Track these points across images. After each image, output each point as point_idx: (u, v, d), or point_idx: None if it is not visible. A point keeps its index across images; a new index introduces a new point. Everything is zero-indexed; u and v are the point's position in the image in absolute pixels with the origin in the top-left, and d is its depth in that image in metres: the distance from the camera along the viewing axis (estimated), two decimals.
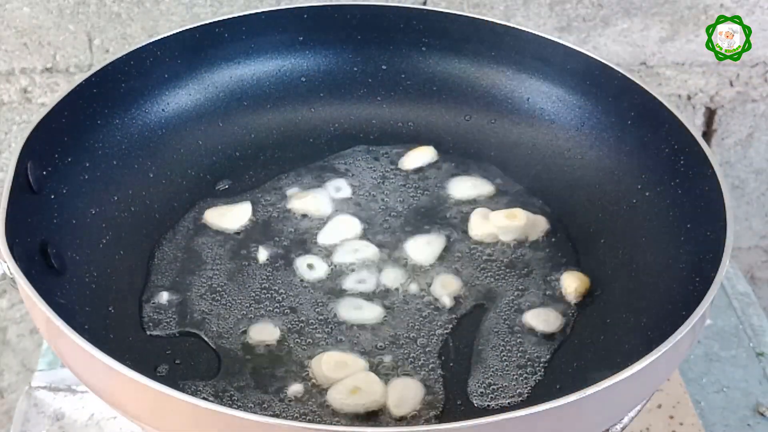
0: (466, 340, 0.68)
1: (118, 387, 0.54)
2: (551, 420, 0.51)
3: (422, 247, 0.75)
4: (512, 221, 0.76)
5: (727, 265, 0.60)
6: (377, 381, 0.64)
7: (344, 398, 0.62)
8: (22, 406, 0.77)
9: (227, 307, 0.70)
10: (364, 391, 0.63)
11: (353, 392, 0.63)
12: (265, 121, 0.86)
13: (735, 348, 0.91)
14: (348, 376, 0.64)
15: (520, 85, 0.86)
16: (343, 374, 0.64)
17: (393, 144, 0.86)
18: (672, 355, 0.55)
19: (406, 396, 0.63)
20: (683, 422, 0.78)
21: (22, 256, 0.59)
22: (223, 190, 0.81)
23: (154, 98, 0.82)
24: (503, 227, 0.75)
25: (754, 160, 1.21)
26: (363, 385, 0.63)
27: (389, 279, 0.72)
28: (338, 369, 0.64)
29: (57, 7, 0.99)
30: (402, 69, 0.89)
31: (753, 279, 1.33)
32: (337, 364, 0.65)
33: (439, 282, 0.72)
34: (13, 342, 1.21)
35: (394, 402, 0.63)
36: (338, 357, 0.65)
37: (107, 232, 0.73)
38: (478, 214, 0.78)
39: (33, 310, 0.57)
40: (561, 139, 0.83)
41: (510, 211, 0.77)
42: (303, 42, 0.88)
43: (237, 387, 0.63)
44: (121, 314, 0.68)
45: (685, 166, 0.72)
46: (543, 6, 1.05)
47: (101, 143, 0.76)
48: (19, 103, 1.06)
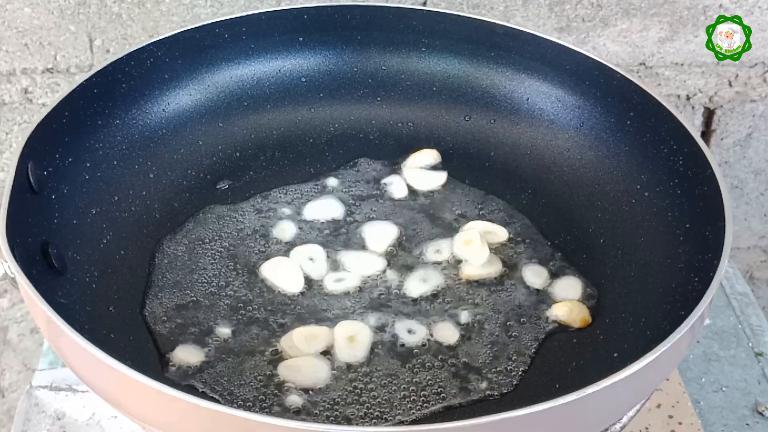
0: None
1: (119, 387, 0.54)
2: (551, 419, 0.51)
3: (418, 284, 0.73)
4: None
5: (726, 265, 0.60)
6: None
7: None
8: (23, 405, 0.77)
9: (227, 306, 0.70)
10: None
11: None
12: (265, 122, 0.87)
13: (734, 348, 0.91)
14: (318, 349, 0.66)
15: (520, 85, 0.86)
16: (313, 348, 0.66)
17: (394, 145, 0.86)
18: (671, 354, 0.55)
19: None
20: (682, 422, 0.78)
21: (23, 256, 0.59)
22: (224, 190, 0.81)
23: (155, 99, 0.82)
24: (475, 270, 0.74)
25: (753, 160, 1.21)
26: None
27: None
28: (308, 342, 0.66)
29: (58, 7, 0.99)
30: (402, 69, 0.89)
31: (752, 279, 1.33)
32: (307, 337, 0.67)
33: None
34: (14, 341, 1.22)
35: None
36: (308, 331, 0.67)
37: (108, 232, 0.73)
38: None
39: (34, 310, 0.57)
40: (560, 139, 0.83)
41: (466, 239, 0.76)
42: (303, 42, 0.88)
43: (240, 385, 0.64)
44: (122, 314, 0.68)
45: (684, 166, 0.72)
46: (542, 6, 1.05)
47: (102, 143, 0.76)
48: (20, 104, 1.06)
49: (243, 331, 0.68)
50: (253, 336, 0.68)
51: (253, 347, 0.67)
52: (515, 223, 0.79)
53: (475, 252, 0.74)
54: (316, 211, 0.79)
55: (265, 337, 0.68)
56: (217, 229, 0.77)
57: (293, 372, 0.65)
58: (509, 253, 0.76)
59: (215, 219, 0.78)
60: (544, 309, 0.71)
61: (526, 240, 0.77)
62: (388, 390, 0.64)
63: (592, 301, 0.71)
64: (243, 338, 0.68)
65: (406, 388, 0.65)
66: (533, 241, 0.77)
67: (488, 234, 0.76)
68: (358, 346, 0.67)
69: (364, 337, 0.68)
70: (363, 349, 0.67)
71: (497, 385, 0.65)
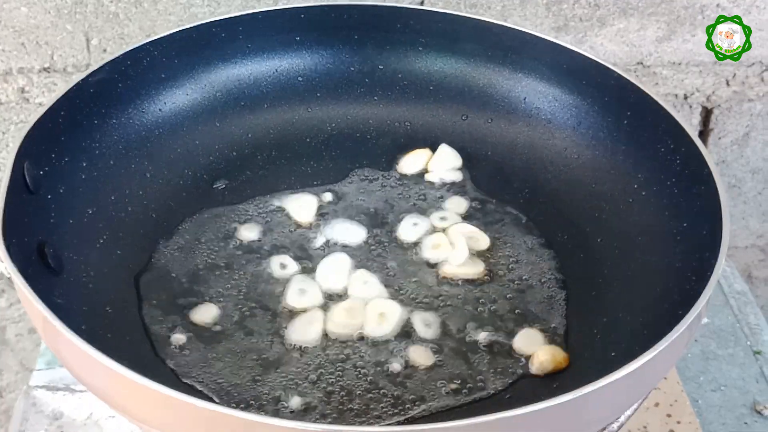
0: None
1: (116, 387, 0.54)
2: (548, 419, 0.51)
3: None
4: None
5: (723, 264, 0.60)
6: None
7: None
8: (21, 405, 0.77)
9: (225, 304, 0.70)
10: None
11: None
12: (262, 121, 0.87)
13: (732, 346, 0.91)
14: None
15: (517, 84, 0.86)
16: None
17: (391, 145, 0.86)
18: (668, 354, 0.55)
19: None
20: (680, 420, 0.78)
21: (19, 256, 0.59)
22: (221, 189, 0.81)
23: (152, 98, 0.82)
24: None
25: (751, 160, 1.21)
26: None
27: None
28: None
29: (54, 6, 0.99)
30: (399, 69, 0.89)
31: (750, 278, 1.33)
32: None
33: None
34: (11, 341, 1.21)
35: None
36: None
37: (104, 232, 0.72)
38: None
39: (30, 310, 0.57)
40: (557, 138, 0.83)
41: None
42: (300, 42, 0.88)
43: (234, 384, 0.64)
44: (118, 314, 0.68)
45: (682, 165, 0.72)
46: (540, 6, 1.05)
47: (98, 143, 0.76)
48: (17, 103, 1.06)
49: (241, 332, 0.68)
50: (252, 336, 0.68)
51: (251, 347, 0.67)
52: (509, 223, 0.79)
53: (454, 252, 0.75)
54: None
55: (264, 337, 0.68)
56: (213, 229, 0.77)
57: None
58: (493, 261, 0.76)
59: (212, 219, 0.78)
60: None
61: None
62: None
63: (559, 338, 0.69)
64: (241, 338, 0.68)
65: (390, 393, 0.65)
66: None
67: (470, 239, 0.76)
68: (386, 322, 0.68)
69: (394, 315, 0.69)
70: (392, 325, 0.68)
71: (494, 384, 0.65)
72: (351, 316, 0.69)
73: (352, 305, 0.70)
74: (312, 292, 0.71)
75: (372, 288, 0.72)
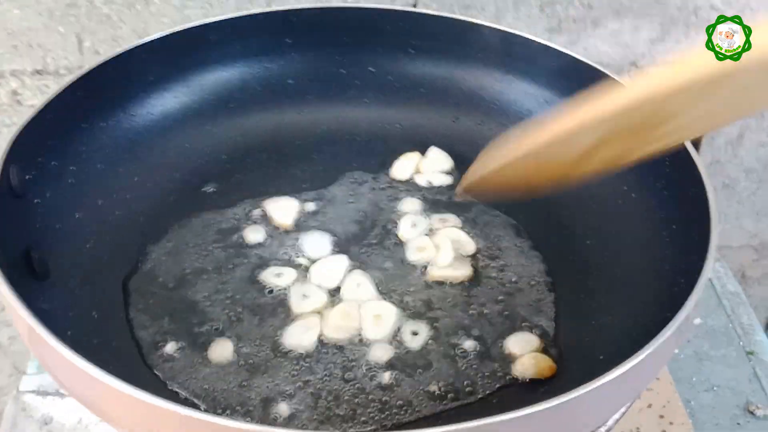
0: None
1: (101, 396, 0.53)
2: (535, 423, 0.51)
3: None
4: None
5: (712, 267, 0.60)
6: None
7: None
8: (10, 410, 0.77)
9: (213, 308, 0.70)
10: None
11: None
12: (252, 124, 0.86)
13: (725, 347, 0.91)
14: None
15: (508, 87, 0.86)
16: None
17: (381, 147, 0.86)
18: (657, 356, 0.55)
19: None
20: (673, 422, 0.78)
21: (4, 262, 0.58)
22: (210, 193, 0.80)
23: (141, 101, 0.81)
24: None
25: (745, 159, 1.21)
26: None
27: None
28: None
29: (47, 9, 0.99)
30: (390, 71, 0.89)
31: (744, 278, 1.33)
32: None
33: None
34: (4, 344, 1.21)
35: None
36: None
37: (92, 237, 0.72)
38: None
39: (14, 317, 0.57)
40: None
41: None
42: (291, 44, 0.88)
43: (220, 390, 0.63)
44: (105, 319, 0.67)
45: (671, 167, 0.72)
46: (533, 7, 1.05)
47: (86, 146, 0.76)
48: (9, 106, 1.05)
49: (228, 337, 0.68)
50: (239, 341, 0.67)
51: (238, 352, 0.67)
52: (498, 225, 0.79)
53: (439, 255, 0.75)
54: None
55: (251, 342, 0.67)
56: (202, 233, 0.76)
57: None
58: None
59: (201, 223, 0.77)
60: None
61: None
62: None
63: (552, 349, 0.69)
64: (228, 344, 0.67)
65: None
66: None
67: (457, 242, 0.76)
68: (383, 324, 0.68)
69: (390, 317, 0.69)
70: (388, 327, 0.68)
71: (482, 388, 0.65)
72: (347, 319, 0.69)
73: (346, 309, 0.70)
74: (314, 295, 0.71)
75: (365, 290, 0.72)
